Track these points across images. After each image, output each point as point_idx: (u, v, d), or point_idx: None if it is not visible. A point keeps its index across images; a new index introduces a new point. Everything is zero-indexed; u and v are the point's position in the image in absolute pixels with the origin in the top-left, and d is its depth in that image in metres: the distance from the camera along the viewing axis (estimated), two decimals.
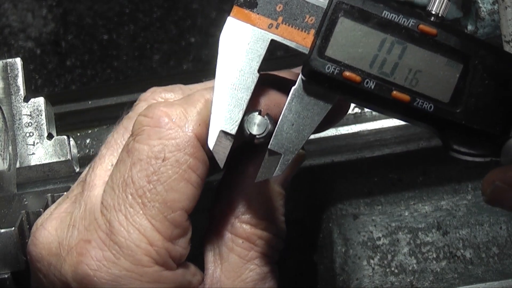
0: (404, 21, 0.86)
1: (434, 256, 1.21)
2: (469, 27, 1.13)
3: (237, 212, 0.92)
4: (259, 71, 0.88)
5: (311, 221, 1.24)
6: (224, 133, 0.87)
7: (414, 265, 1.21)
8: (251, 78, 0.87)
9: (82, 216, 0.88)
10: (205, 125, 0.87)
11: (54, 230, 0.90)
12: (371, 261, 1.22)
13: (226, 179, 0.95)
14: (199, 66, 1.57)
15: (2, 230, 0.93)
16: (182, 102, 0.89)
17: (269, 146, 0.86)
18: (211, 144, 0.87)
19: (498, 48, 0.87)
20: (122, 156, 0.88)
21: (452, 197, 1.22)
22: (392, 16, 0.86)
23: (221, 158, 0.87)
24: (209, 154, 0.88)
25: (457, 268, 1.20)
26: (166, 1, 1.60)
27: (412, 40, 0.86)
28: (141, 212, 0.86)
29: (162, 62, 1.59)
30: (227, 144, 0.87)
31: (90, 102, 1.25)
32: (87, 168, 0.95)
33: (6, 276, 0.94)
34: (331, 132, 1.14)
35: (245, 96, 0.87)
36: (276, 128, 0.87)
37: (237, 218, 0.92)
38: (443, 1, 0.87)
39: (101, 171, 0.91)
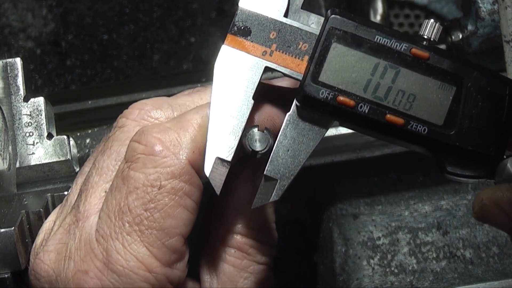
0: (396, 46, 0.86)
1: (434, 256, 1.21)
2: (469, 27, 1.13)
3: (228, 222, 0.93)
4: (253, 98, 0.88)
5: (311, 221, 1.24)
6: (220, 160, 0.87)
7: (414, 265, 1.21)
8: (246, 105, 0.88)
9: (78, 246, 0.88)
10: (199, 151, 0.88)
11: (52, 263, 0.89)
12: (371, 261, 1.22)
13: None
14: (199, 66, 1.57)
15: (2, 230, 0.93)
16: (175, 126, 0.88)
17: (265, 172, 0.87)
18: (207, 171, 0.87)
19: (491, 70, 0.88)
20: (117, 183, 0.88)
21: (452, 197, 1.22)
22: (385, 41, 0.86)
23: (217, 184, 0.87)
24: (203, 179, 0.88)
25: (457, 268, 1.20)
26: (166, 1, 1.60)
27: (405, 64, 0.86)
28: (138, 239, 0.86)
29: (162, 62, 1.59)
30: (223, 171, 0.87)
31: (90, 102, 1.25)
32: (75, 189, 0.94)
33: (6, 276, 0.94)
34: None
35: (241, 123, 0.88)
36: (271, 154, 0.87)
37: (228, 229, 0.93)
38: (435, 25, 0.88)
39: (95, 200, 0.90)
